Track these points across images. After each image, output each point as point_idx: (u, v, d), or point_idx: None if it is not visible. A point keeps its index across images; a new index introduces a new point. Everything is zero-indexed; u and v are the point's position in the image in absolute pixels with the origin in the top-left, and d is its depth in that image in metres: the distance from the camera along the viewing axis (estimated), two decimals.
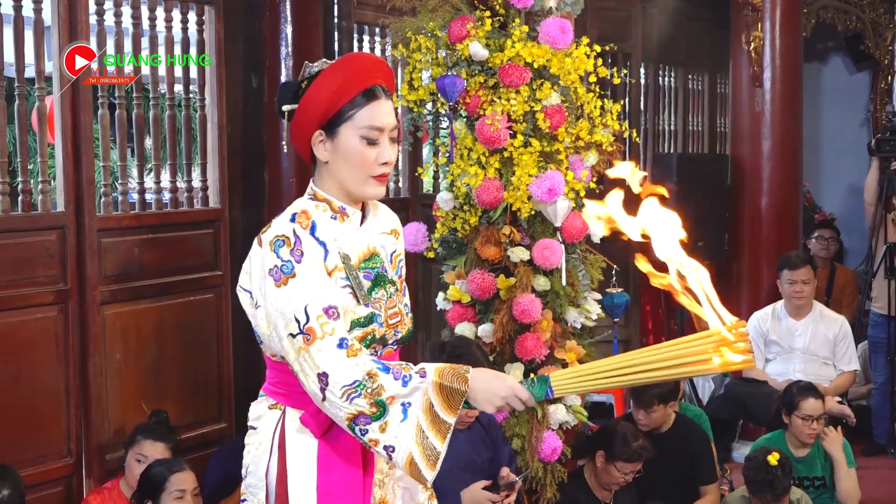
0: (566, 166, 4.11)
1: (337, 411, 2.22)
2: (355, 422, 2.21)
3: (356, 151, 2.35)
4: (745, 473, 4.47)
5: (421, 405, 2.21)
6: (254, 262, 2.35)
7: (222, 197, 4.97)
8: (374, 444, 2.23)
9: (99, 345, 4.34)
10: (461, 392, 2.22)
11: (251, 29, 5.13)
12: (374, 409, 2.20)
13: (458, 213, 4.21)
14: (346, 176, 2.38)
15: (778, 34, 6.61)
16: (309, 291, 2.27)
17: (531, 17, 4.15)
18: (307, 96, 2.35)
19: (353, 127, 2.35)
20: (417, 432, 2.21)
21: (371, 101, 2.35)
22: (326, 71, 2.36)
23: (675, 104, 8.24)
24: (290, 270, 2.28)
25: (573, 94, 4.18)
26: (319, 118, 2.35)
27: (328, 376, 2.21)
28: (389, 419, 2.21)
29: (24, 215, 4.15)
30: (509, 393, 2.26)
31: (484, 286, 4.12)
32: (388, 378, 2.21)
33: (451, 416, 2.22)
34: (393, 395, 2.21)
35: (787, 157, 6.72)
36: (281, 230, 2.32)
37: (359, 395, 2.19)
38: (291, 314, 2.26)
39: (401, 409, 2.21)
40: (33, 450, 4.09)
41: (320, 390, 2.22)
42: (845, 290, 7.43)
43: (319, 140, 2.38)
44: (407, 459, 2.21)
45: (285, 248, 2.29)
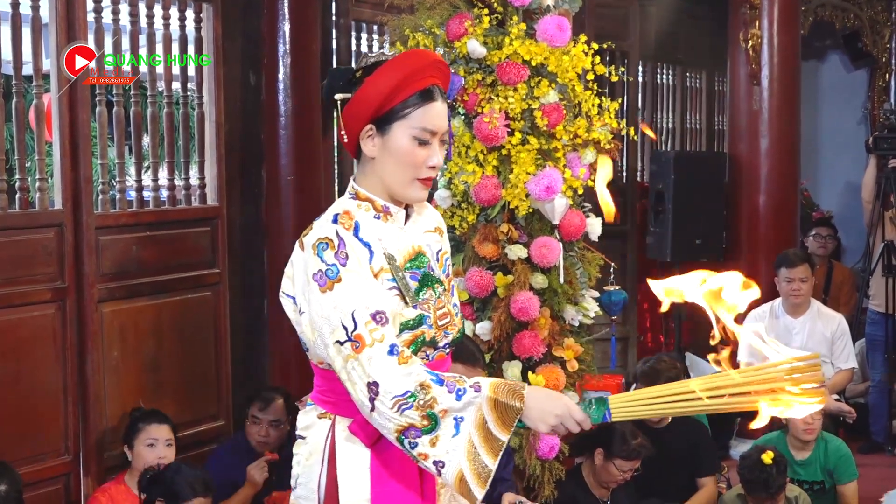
0: (564, 164, 4.11)
1: (386, 422, 2.14)
2: (405, 434, 2.14)
3: (406, 151, 2.28)
4: (740, 472, 4.47)
5: (474, 421, 2.13)
6: (296, 266, 2.28)
7: (220, 195, 4.97)
8: (423, 459, 2.15)
9: (97, 342, 4.34)
10: (516, 409, 2.14)
11: (249, 27, 5.12)
12: (426, 423, 2.13)
13: (455, 210, 4.21)
14: (391, 174, 2.31)
15: (776, 32, 6.61)
16: (356, 296, 2.19)
17: (529, 14, 4.15)
18: (363, 90, 2.27)
19: (406, 126, 2.27)
20: (469, 448, 2.13)
21: (427, 102, 2.29)
22: (386, 66, 2.27)
23: (672, 102, 8.25)
24: (335, 275, 2.19)
25: (571, 91, 4.18)
26: (372, 113, 2.27)
27: (379, 386, 2.13)
28: (441, 433, 2.13)
29: (22, 213, 4.15)
30: (564, 412, 2.18)
31: (482, 284, 4.12)
32: (441, 390, 2.13)
33: (504, 434, 2.14)
34: (446, 408, 2.13)
35: (784, 154, 6.73)
36: (323, 232, 2.23)
37: (410, 407, 2.12)
38: (338, 320, 2.18)
39: (453, 423, 2.13)
40: (31, 448, 4.09)
41: (369, 400, 2.14)
42: (843, 288, 7.43)
43: (368, 135, 2.30)
44: (457, 476, 2.14)
45: (329, 252, 2.21)
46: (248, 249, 5.17)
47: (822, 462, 4.87)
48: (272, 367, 5.19)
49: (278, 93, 5.09)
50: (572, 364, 4.18)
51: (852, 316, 6.69)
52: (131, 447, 4.11)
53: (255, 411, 4.50)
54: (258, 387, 4.82)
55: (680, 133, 8.32)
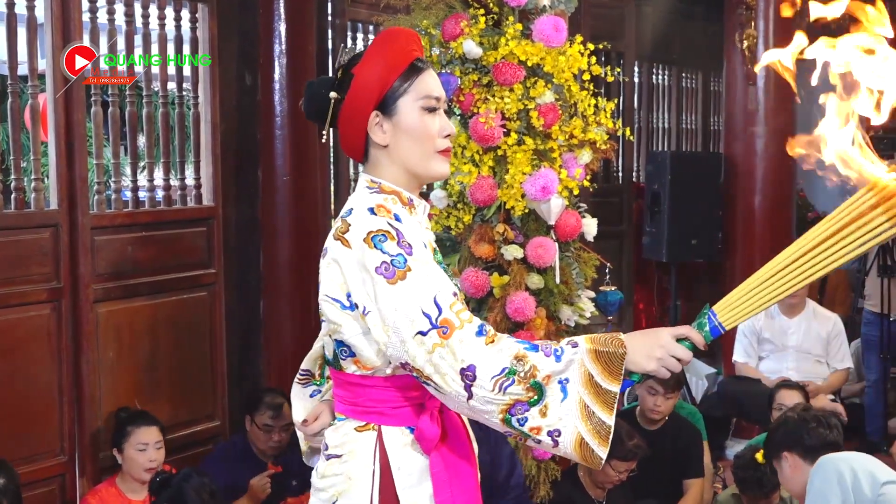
0: (560, 164, 4.12)
1: (488, 406, 2.01)
2: (511, 412, 2.01)
3: (419, 123, 2.20)
4: (734, 472, 4.48)
5: (580, 378, 2.02)
6: (346, 264, 2.11)
7: (216, 195, 4.96)
8: (537, 433, 2.03)
9: (92, 343, 4.34)
10: (620, 355, 2.02)
11: (245, 26, 5.12)
12: (531, 394, 2.00)
13: (451, 211, 4.21)
14: (411, 155, 2.22)
15: (772, 32, 6.62)
16: (432, 281, 2.06)
17: (525, 15, 4.15)
18: (358, 81, 2.19)
19: (411, 99, 2.20)
20: (582, 409, 2.02)
21: (422, 72, 2.22)
22: (371, 52, 2.22)
23: (668, 102, 8.26)
24: (403, 264, 2.06)
25: (567, 92, 4.18)
26: (376, 100, 2.19)
27: (475, 369, 1.99)
28: (549, 401, 2.01)
29: (18, 213, 4.14)
30: (668, 341, 2.07)
31: (478, 284, 4.12)
32: (538, 356, 2.01)
33: (614, 385, 2.02)
34: (549, 373, 2.01)
35: (780, 155, 6.72)
36: (374, 225, 2.10)
37: (512, 383, 1.99)
38: (418, 310, 2.03)
39: (559, 387, 2.01)
40: (27, 448, 4.09)
41: (465, 388, 2.00)
42: (838, 289, 7.45)
43: (376, 123, 2.20)
44: (576, 440, 2.03)
45: (390, 242, 2.07)
46: (244, 249, 5.17)
47: None
48: (268, 367, 5.19)
49: (274, 93, 5.09)
50: None
51: (848, 316, 6.70)
52: (121, 450, 4.10)
53: (267, 419, 4.43)
54: (254, 390, 4.78)
55: (676, 133, 8.33)
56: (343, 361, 2.21)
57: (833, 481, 3.13)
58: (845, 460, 3.21)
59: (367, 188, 2.23)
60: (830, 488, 3.12)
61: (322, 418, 2.36)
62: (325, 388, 2.47)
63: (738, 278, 7.21)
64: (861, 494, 3.08)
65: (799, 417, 3.65)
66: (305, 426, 2.37)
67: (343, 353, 2.20)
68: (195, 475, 3.86)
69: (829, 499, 3.11)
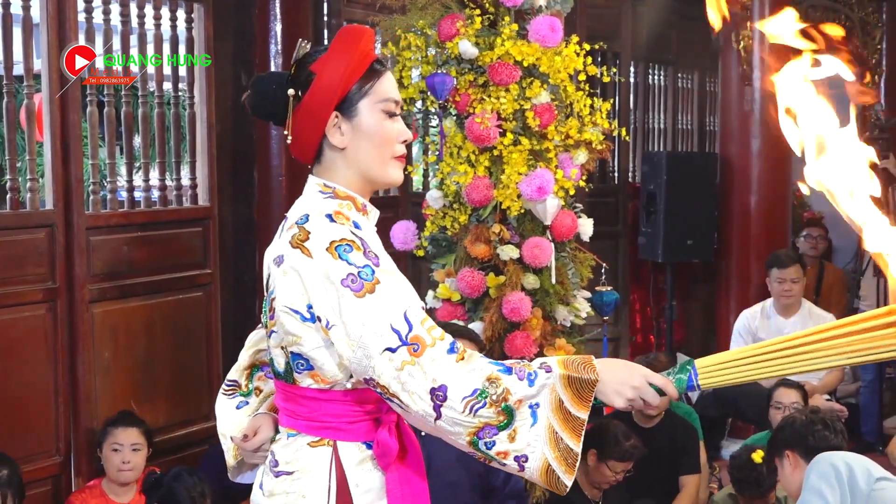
0: (556, 164, 4.12)
1: (456, 428, 1.96)
2: (479, 435, 1.95)
3: (379, 127, 2.13)
4: (731, 472, 4.48)
5: (550, 404, 1.97)
6: (307, 276, 2.02)
7: (211, 195, 4.96)
8: (504, 457, 1.98)
9: (88, 343, 4.33)
10: (591, 382, 1.97)
11: (241, 26, 5.12)
12: (502, 418, 1.95)
13: (447, 211, 4.22)
14: (369, 159, 2.14)
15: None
16: (402, 296, 2.00)
17: (521, 15, 4.16)
18: (321, 79, 2.10)
19: (372, 101, 2.13)
20: (550, 435, 1.97)
21: (382, 74, 2.16)
22: (335, 50, 2.13)
23: (664, 103, 8.26)
24: (370, 276, 1.98)
25: (563, 92, 4.18)
26: (337, 99, 2.11)
27: (447, 389, 1.93)
28: (518, 425, 1.96)
29: (13, 213, 4.14)
30: (642, 382, 2.03)
31: (473, 284, 4.12)
32: (511, 380, 1.96)
33: (583, 412, 1.97)
34: (520, 397, 1.96)
35: (776, 155, 6.73)
36: (337, 234, 2.02)
37: (483, 406, 1.93)
38: (387, 325, 1.95)
39: (529, 412, 1.96)
40: (22, 448, 4.08)
41: (434, 409, 1.94)
42: (834, 289, 7.45)
43: (335, 124, 2.12)
44: (543, 467, 1.98)
45: (356, 253, 2.00)
46: (239, 250, 5.17)
47: None
48: None
49: None
50: None
51: (843, 316, 6.70)
52: (101, 451, 4.10)
53: None
54: None
55: (672, 134, 8.33)
56: (298, 375, 2.11)
57: (829, 475, 3.15)
58: (840, 456, 3.24)
59: (321, 192, 2.15)
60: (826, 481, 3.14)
61: (262, 433, 2.25)
62: (254, 401, 2.38)
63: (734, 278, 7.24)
64: (856, 488, 3.10)
65: (807, 419, 3.68)
66: (246, 441, 2.25)
67: (299, 367, 2.09)
68: (186, 475, 3.84)
69: (824, 492, 3.12)
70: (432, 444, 3.86)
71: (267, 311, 2.16)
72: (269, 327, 2.16)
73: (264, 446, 2.24)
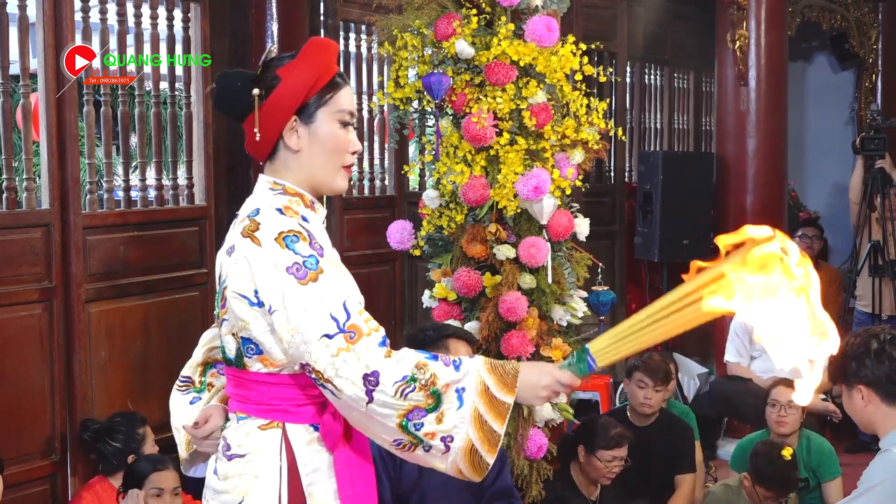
0: (552, 164, 4.12)
1: (386, 411, 2.07)
2: (408, 417, 2.07)
3: (333, 136, 2.26)
4: (757, 467, 4.44)
5: (475, 388, 2.10)
6: (255, 263, 2.13)
7: (208, 194, 4.96)
8: (430, 438, 2.09)
9: (84, 342, 4.33)
10: (513, 369, 2.13)
11: (237, 26, 5.12)
12: (430, 401, 2.07)
13: (444, 210, 4.22)
14: (319, 165, 2.27)
15: (763, 33, 6.63)
16: (342, 286, 2.12)
17: (517, 15, 4.16)
18: (287, 83, 2.23)
19: (329, 111, 2.26)
20: (475, 416, 2.09)
21: (342, 86, 2.29)
22: (302, 58, 2.26)
23: (660, 102, 8.27)
24: (315, 266, 2.10)
25: (559, 92, 4.18)
26: (298, 104, 2.24)
27: (378, 375, 2.04)
28: (446, 408, 2.08)
29: (9, 213, 4.13)
30: (550, 381, 2.18)
31: (470, 284, 4.12)
32: (438, 365, 2.09)
33: (509, 396, 2.12)
34: (448, 381, 2.08)
35: (771, 155, 6.75)
36: (286, 225, 2.14)
37: (413, 389, 2.05)
38: (326, 313, 2.07)
39: (456, 395, 2.09)
40: (18, 448, 4.08)
41: (366, 393, 2.05)
42: (830, 289, 7.45)
43: (292, 127, 2.25)
44: (466, 447, 2.10)
45: (302, 244, 2.12)
46: None
47: (806, 460, 4.88)
48: None
49: None
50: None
51: (839, 316, 6.71)
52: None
53: None
54: None
55: (667, 133, 8.34)
56: (248, 360, 2.21)
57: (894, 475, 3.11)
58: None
59: (270, 189, 2.27)
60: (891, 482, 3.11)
61: (212, 421, 2.34)
62: (206, 395, 2.48)
63: None
64: None
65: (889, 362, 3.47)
66: (196, 428, 2.34)
67: (249, 352, 2.20)
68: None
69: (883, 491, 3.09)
70: None
71: (219, 300, 2.28)
72: (220, 316, 2.28)
73: (214, 434, 2.33)
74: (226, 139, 5.11)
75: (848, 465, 5.12)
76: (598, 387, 5.58)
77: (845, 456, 5.48)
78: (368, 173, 5.95)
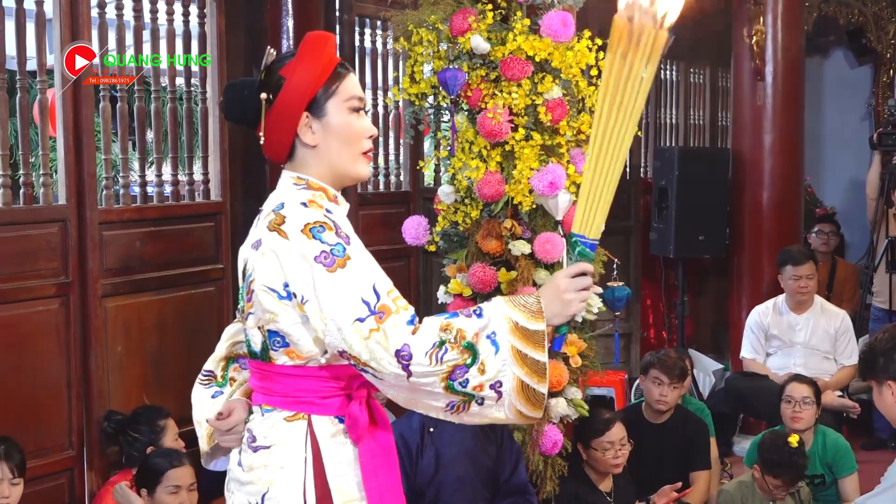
0: (567, 160, 4.11)
1: (429, 379, 2.08)
2: (452, 378, 2.08)
3: (347, 124, 2.30)
4: (765, 455, 4.43)
5: (506, 328, 2.11)
6: (284, 255, 2.16)
7: (224, 190, 4.97)
8: (480, 390, 2.11)
9: (100, 337, 4.35)
10: (535, 299, 2.16)
11: (252, 22, 5.12)
12: (466, 356, 2.08)
13: (459, 206, 4.21)
14: (339, 155, 2.30)
15: (780, 28, 6.61)
16: (371, 271, 2.14)
17: (533, 10, 4.15)
18: (291, 84, 2.27)
19: (339, 100, 2.29)
20: (515, 354, 2.11)
21: (346, 76, 2.32)
22: (303, 55, 2.30)
23: (676, 98, 8.25)
24: (342, 253, 2.12)
25: (575, 87, 4.17)
26: (307, 101, 2.28)
27: (409, 347, 2.07)
28: (484, 357, 2.09)
29: (26, 208, 4.15)
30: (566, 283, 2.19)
31: (485, 279, 4.12)
32: (461, 320, 2.12)
33: (539, 323, 2.13)
34: (475, 331, 2.10)
35: (788, 150, 6.73)
36: (311, 217, 2.17)
37: (446, 351, 2.07)
38: (357, 297, 2.10)
39: (488, 342, 2.10)
40: (35, 442, 4.10)
41: (403, 368, 2.07)
42: (846, 285, 7.43)
43: (305, 123, 2.29)
44: (517, 385, 2.11)
45: (329, 233, 2.14)
46: None
47: (821, 455, 4.88)
48: None
49: None
50: (575, 360, 4.18)
51: (856, 312, 6.69)
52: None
53: None
54: None
55: (683, 129, 8.32)
56: (274, 352, 2.24)
57: None
58: None
59: (294, 185, 2.31)
60: None
61: (236, 414, 2.36)
62: (228, 389, 2.50)
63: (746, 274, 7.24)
64: None
65: None
66: (220, 419, 2.36)
67: (275, 344, 2.23)
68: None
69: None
70: (441, 440, 3.89)
71: (244, 294, 2.30)
72: (245, 310, 2.29)
73: (237, 427, 2.35)
74: (241, 135, 5.11)
75: (864, 462, 5.11)
76: (613, 383, 5.57)
77: (861, 453, 5.46)
78: (384, 169, 5.95)
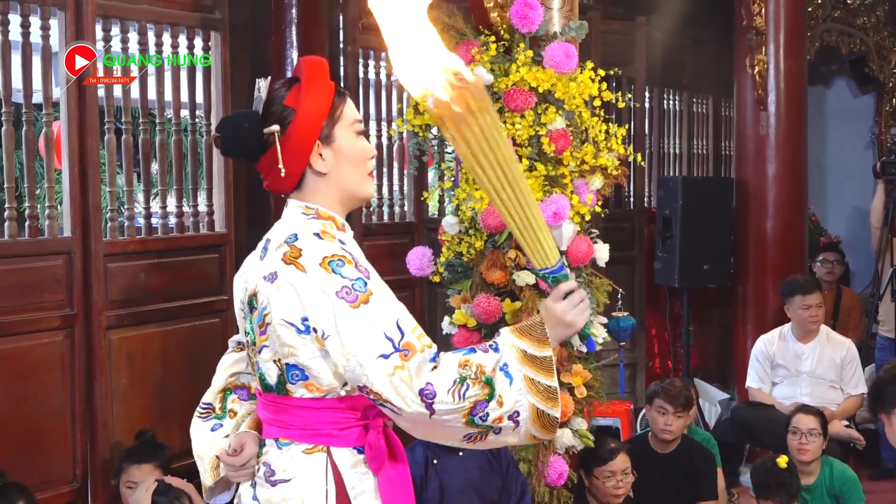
0: (571, 190, 4.12)
1: (452, 416, 2.09)
2: (473, 413, 2.10)
3: (356, 147, 2.30)
4: (757, 480, 4.42)
5: (516, 358, 2.14)
6: (302, 289, 2.13)
7: (228, 221, 4.98)
8: (499, 422, 2.12)
9: (105, 369, 4.34)
10: (539, 322, 2.19)
11: (257, 54, 5.15)
12: (486, 391, 2.10)
13: (463, 236, 4.22)
14: (349, 179, 2.30)
15: (782, 57, 6.62)
16: (393, 306, 2.13)
17: (536, 41, 4.17)
18: (303, 113, 2.24)
19: (345, 125, 2.29)
20: (528, 383, 2.13)
21: (346, 98, 2.33)
22: (309, 83, 2.27)
23: (679, 127, 8.27)
24: (363, 288, 2.11)
25: (578, 118, 4.18)
26: (320, 129, 2.26)
27: (433, 386, 2.07)
28: (500, 390, 2.11)
29: (31, 240, 4.16)
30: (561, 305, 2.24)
31: (489, 310, 4.12)
32: (478, 356, 2.13)
33: (546, 350, 2.17)
34: (493, 366, 2.12)
35: (791, 179, 6.73)
36: (328, 250, 2.15)
37: (467, 388, 2.08)
38: (381, 333, 2.08)
39: (503, 374, 2.12)
40: (39, 474, 4.09)
41: (426, 407, 2.07)
42: (852, 314, 7.41)
43: (316, 151, 2.27)
44: (532, 414, 2.14)
45: (348, 267, 2.13)
46: None
47: (828, 486, 4.84)
48: None
49: None
50: (581, 390, 4.16)
51: (861, 341, 6.67)
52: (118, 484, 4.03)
53: None
54: None
55: (687, 158, 8.33)
56: (292, 386, 2.21)
57: None
58: None
59: (303, 214, 2.28)
60: None
61: (248, 448, 2.33)
62: (228, 422, 2.47)
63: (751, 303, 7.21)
64: None
65: None
66: (234, 456, 2.32)
67: (293, 378, 2.20)
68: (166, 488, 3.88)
69: None
70: (445, 471, 3.88)
71: (256, 327, 2.26)
72: (258, 343, 2.25)
73: (250, 462, 2.32)
74: (245, 166, 5.11)
75: (871, 492, 5.08)
76: (618, 413, 5.54)
77: (868, 483, 5.43)
78: (388, 200, 5.96)
